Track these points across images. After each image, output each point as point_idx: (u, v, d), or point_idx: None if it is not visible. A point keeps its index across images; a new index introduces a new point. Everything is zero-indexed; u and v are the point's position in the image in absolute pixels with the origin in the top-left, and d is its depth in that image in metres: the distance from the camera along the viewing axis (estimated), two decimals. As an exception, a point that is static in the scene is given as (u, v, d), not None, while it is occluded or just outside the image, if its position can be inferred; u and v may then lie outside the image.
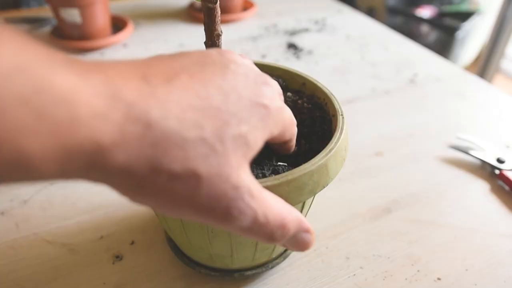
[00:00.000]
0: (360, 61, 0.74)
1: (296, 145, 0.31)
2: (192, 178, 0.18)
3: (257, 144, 0.21)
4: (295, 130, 0.27)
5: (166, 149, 0.17)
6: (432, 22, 1.80)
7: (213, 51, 0.23)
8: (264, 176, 0.27)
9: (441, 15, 1.90)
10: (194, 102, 0.19)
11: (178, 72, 0.19)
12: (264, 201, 0.20)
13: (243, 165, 0.20)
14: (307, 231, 0.23)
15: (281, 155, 0.30)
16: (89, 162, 0.16)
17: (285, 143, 0.27)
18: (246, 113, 0.20)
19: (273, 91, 0.23)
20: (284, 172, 0.26)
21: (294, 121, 0.26)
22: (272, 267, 0.36)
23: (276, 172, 0.28)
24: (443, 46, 1.74)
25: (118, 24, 0.80)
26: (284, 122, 0.24)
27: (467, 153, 0.51)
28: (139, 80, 0.18)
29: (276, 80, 0.37)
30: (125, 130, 0.16)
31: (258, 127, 0.21)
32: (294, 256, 0.38)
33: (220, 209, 0.19)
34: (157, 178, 0.17)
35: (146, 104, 0.17)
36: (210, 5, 0.27)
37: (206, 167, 0.18)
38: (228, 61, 0.22)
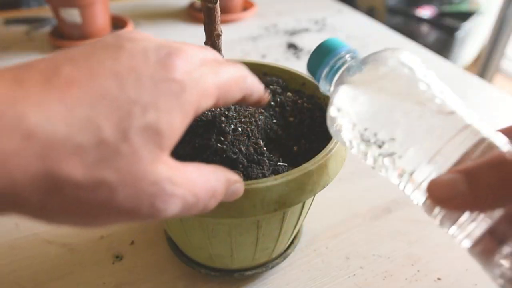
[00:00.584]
0: (360, 61, 0.74)
1: (296, 145, 0.31)
2: (102, 186, 0.16)
3: (174, 129, 0.18)
4: (246, 84, 0.23)
5: (59, 158, 0.15)
6: (432, 22, 1.80)
7: (107, 35, 0.19)
8: (264, 176, 0.27)
9: (441, 15, 1.90)
10: (83, 97, 0.16)
11: (59, 66, 0.16)
12: (189, 181, 0.19)
13: (159, 157, 0.17)
14: (235, 181, 0.22)
15: (282, 155, 0.30)
16: None
17: (244, 100, 0.23)
18: (151, 96, 0.17)
19: (185, 59, 0.19)
20: (284, 172, 0.26)
21: (241, 74, 0.22)
22: (272, 267, 0.36)
23: (276, 172, 0.28)
24: (443, 46, 1.74)
25: (118, 24, 0.80)
26: (219, 85, 0.20)
27: (467, 153, 0.51)
28: (9, 83, 0.15)
29: (276, 80, 0.37)
30: (1, 145, 0.14)
31: (172, 108, 0.17)
32: (294, 256, 0.38)
33: (144, 207, 0.17)
34: (60, 192, 0.15)
35: (20, 110, 0.14)
36: (210, 5, 0.27)
37: (114, 172, 0.16)
38: (122, 41, 0.18)
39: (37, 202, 0.15)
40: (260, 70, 0.38)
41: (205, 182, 0.20)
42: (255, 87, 0.24)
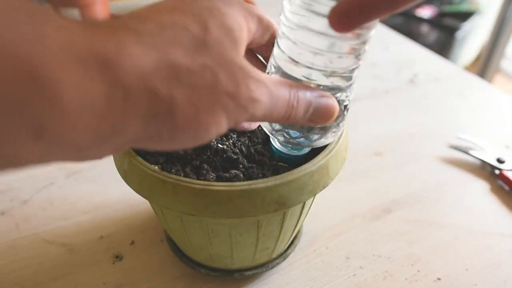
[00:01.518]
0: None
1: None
2: (206, 70, 0.19)
3: (241, 30, 0.21)
4: (273, 25, 0.27)
5: (168, 49, 0.18)
6: (432, 22, 1.80)
7: None
8: (264, 176, 0.27)
9: (441, 15, 1.90)
10: (166, 11, 0.20)
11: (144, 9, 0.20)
12: (266, 76, 0.22)
13: (238, 51, 0.21)
14: (322, 95, 0.24)
15: (281, 158, 0.29)
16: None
17: (269, 43, 0.27)
18: (219, 4, 0.21)
19: None
20: (284, 172, 0.26)
21: (267, 16, 0.26)
22: (272, 267, 0.36)
23: (276, 172, 0.28)
24: (443, 46, 1.74)
25: (118, 24, 0.80)
26: (258, 14, 0.24)
27: (467, 153, 0.51)
28: (127, 33, 0.18)
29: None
30: (123, 41, 0.17)
31: (239, 15, 0.21)
32: (294, 256, 0.38)
33: (243, 89, 0.20)
34: (179, 79, 0.18)
35: (124, 20, 0.18)
36: (210, 5, 0.27)
37: (211, 57, 0.19)
38: None
39: (165, 92, 0.18)
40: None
41: (280, 81, 0.23)
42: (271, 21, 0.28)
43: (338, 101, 0.26)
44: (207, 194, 0.24)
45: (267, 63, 0.28)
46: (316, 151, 0.28)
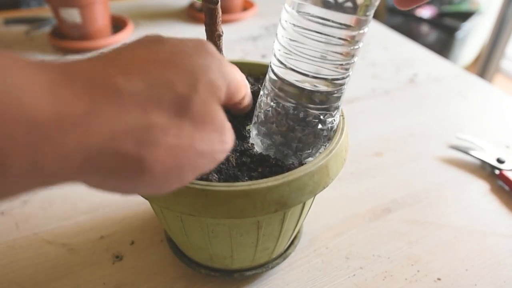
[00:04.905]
0: (360, 61, 0.74)
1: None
2: (185, 128, 0.19)
3: (223, 88, 0.22)
4: (247, 90, 0.28)
5: (146, 109, 0.18)
6: (432, 22, 1.80)
7: (140, 38, 0.23)
8: (264, 176, 0.27)
9: (441, 15, 1.90)
10: (152, 67, 0.19)
11: (122, 53, 0.20)
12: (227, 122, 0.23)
13: (219, 106, 0.21)
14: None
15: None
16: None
17: (239, 103, 0.28)
18: (204, 62, 0.21)
19: (212, 47, 0.23)
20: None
21: (246, 82, 0.27)
22: (272, 268, 0.36)
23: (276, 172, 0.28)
24: (443, 46, 1.74)
25: (118, 24, 0.80)
26: (237, 79, 0.24)
27: (467, 153, 0.51)
28: (107, 67, 0.18)
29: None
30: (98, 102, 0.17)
31: (220, 72, 0.22)
32: (294, 256, 0.38)
33: (217, 143, 0.21)
34: (153, 140, 0.18)
35: (105, 71, 0.18)
36: (211, 5, 0.27)
37: (192, 116, 0.19)
38: (158, 37, 0.22)
39: (134, 154, 0.17)
40: (260, 70, 0.38)
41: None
42: (249, 93, 0.29)
43: (327, 125, 0.29)
44: (207, 194, 0.24)
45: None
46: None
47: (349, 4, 0.23)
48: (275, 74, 0.28)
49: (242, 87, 0.26)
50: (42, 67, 0.16)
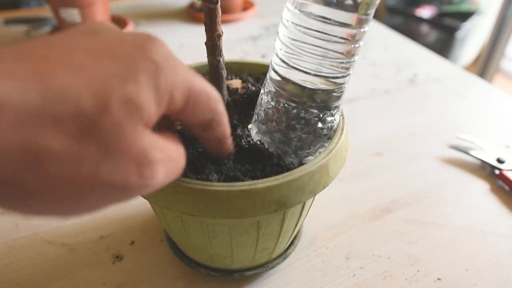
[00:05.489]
0: (360, 61, 0.74)
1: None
2: (85, 158, 0.15)
3: (152, 106, 0.17)
4: (217, 107, 0.21)
5: (37, 129, 0.14)
6: (432, 22, 1.80)
7: (82, 24, 0.19)
8: (264, 176, 0.27)
9: (441, 15, 1.90)
10: (58, 70, 0.15)
11: (33, 47, 0.16)
12: (165, 146, 0.19)
13: (141, 129, 0.17)
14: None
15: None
16: None
17: (210, 127, 0.22)
18: (130, 70, 0.16)
19: (161, 45, 0.19)
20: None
21: (214, 95, 0.21)
22: (272, 268, 0.36)
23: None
24: (443, 46, 1.74)
25: (118, 24, 0.80)
26: (191, 86, 0.19)
27: (467, 153, 0.51)
28: None
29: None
30: None
31: (150, 85, 0.17)
32: (294, 256, 0.38)
33: (133, 178, 0.17)
34: (40, 167, 0.14)
35: None
36: (211, 5, 0.27)
37: (97, 143, 0.15)
38: (97, 27, 0.19)
39: (14, 179, 0.14)
40: (260, 70, 0.38)
41: (174, 145, 0.20)
42: (225, 119, 0.23)
43: (327, 124, 0.29)
44: (207, 194, 0.24)
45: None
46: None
47: (349, 2, 0.23)
48: (276, 72, 0.28)
49: (206, 100, 0.20)
50: None
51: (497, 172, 0.48)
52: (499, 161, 0.48)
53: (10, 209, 0.16)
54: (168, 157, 0.19)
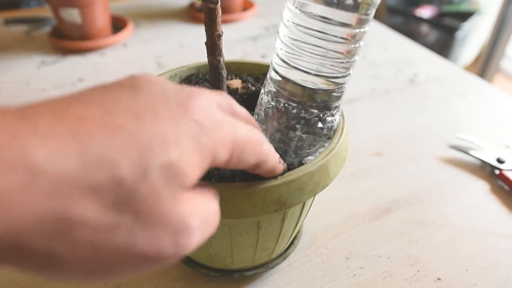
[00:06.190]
0: (360, 61, 0.74)
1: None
2: (120, 229, 0.15)
3: (194, 170, 0.16)
4: (262, 149, 0.21)
5: (71, 198, 0.13)
6: (432, 22, 1.80)
7: (123, 78, 0.18)
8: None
9: (441, 15, 1.90)
10: (97, 132, 0.14)
11: (71, 104, 0.15)
12: (203, 208, 0.18)
13: (181, 196, 0.16)
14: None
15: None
16: None
17: (258, 167, 0.22)
18: (171, 133, 0.16)
19: (204, 102, 0.18)
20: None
21: (258, 138, 0.20)
22: (272, 268, 0.36)
23: None
24: (443, 46, 1.74)
25: (118, 24, 0.80)
26: (235, 139, 0.19)
27: (467, 153, 0.51)
28: (14, 117, 0.14)
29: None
30: (1, 183, 0.12)
31: (193, 148, 0.16)
32: (294, 256, 0.38)
33: (169, 248, 0.16)
34: (71, 236, 0.14)
35: (24, 144, 0.13)
36: (211, 5, 0.27)
37: (133, 213, 0.15)
38: (138, 81, 0.18)
39: (43, 249, 0.13)
40: (260, 70, 0.38)
41: (211, 203, 0.19)
42: (271, 155, 0.22)
43: (327, 124, 0.29)
44: (207, 194, 0.24)
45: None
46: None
47: (350, 2, 0.23)
48: (277, 72, 0.28)
49: (251, 148, 0.20)
50: None
51: (497, 172, 0.48)
52: (499, 161, 0.48)
53: (37, 275, 0.15)
54: (205, 220, 0.18)
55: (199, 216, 0.17)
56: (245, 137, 0.19)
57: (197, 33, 0.81)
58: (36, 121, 0.14)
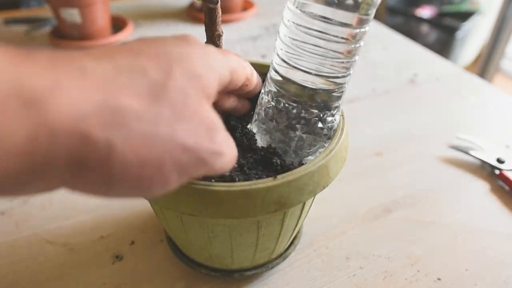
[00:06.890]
0: (360, 61, 0.74)
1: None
2: (161, 119, 0.17)
3: (210, 80, 0.20)
4: (246, 67, 0.26)
5: (116, 91, 0.17)
6: (432, 22, 1.80)
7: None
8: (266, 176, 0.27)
9: (441, 15, 1.90)
10: (122, 53, 0.18)
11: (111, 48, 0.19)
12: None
13: (204, 99, 0.20)
14: None
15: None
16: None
17: (248, 80, 0.27)
18: (184, 50, 0.20)
19: (200, 42, 0.23)
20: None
21: (243, 63, 0.26)
22: (272, 268, 0.36)
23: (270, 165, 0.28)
24: (443, 46, 1.74)
25: (118, 24, 0.80)
26: (229, 64, 0.23)
27: (467, 153, 0.51)
28: (75, 52, 0.17)
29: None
30: (61, 78, 0.16)
31: (205, 64, 0.21)
32: (294, 256, 0.38)
33: (205, 141, 0.19)
34: (124, 125, 0.16)
35: (75, 55, 0.17)
36: (211, 5, 0.27)
37: (169, 105, 0.18)
38: (143, 38, 0.22)
39: (103, 139, 0.16)
40: (260, 70, 0.38)
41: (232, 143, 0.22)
42: (254, 72, 0.28)
43: (327, 124, 0.29)
44: (207, 194, 0.24)
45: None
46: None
47: (350, 2, 0.23)
48: (277, 72, 0.28)
49: (241, 70, 0.25)
50: (3, 46, 0.15)
51: (497, 172, 0.48)
52: (499, 161, 0.48)
53: (92, 191, 0.17)
54: (229, 138, 0.21)
55: (225, 133, 0.21)
56: (235, 62, 0.24)
57: (197, 33, 0.80)
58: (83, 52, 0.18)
